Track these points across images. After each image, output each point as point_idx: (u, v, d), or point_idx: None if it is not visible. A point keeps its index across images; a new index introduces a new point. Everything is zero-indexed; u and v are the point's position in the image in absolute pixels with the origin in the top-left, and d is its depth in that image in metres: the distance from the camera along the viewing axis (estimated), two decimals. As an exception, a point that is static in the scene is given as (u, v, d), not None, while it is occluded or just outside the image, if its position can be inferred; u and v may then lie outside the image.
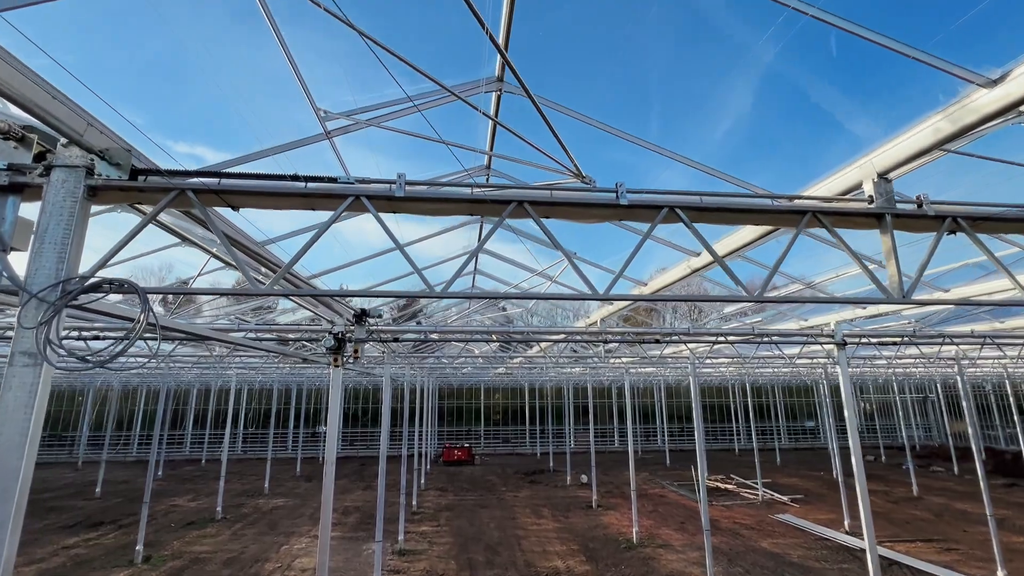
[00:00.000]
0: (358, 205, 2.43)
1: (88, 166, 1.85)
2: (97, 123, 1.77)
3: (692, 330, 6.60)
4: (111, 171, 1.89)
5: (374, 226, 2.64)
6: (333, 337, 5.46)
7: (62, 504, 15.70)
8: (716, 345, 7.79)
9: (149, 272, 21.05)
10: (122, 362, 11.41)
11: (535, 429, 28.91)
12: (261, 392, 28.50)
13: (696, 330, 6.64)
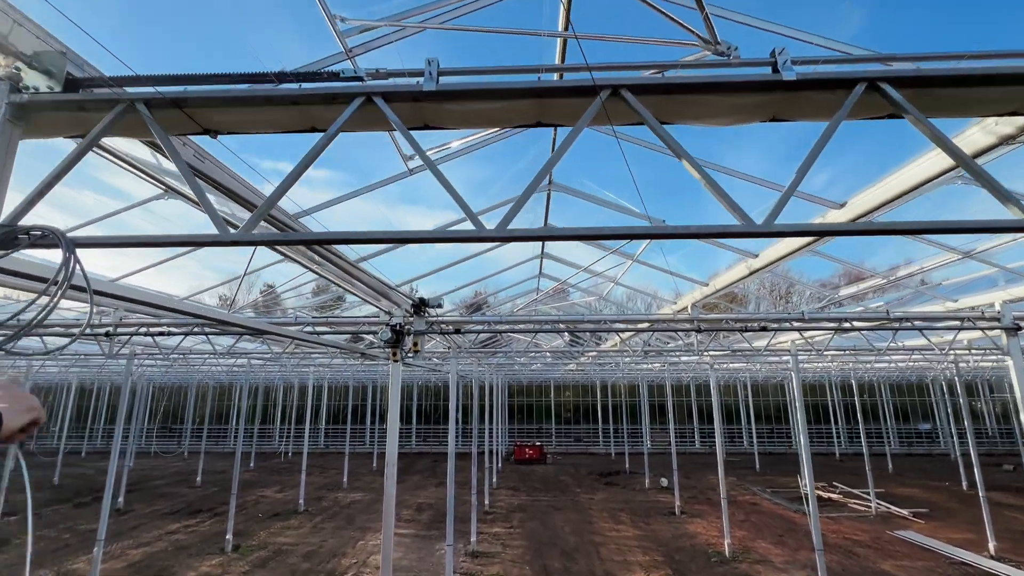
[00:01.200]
0: (372, 116, 1.76)
1: (12, 78, 1.44)
2: (28, 22, 1.39)
3: (809, 315, 5.48)
4: (41, 81, 1.53)
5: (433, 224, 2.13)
6: (390, 329, 5.11)
7: (169, 491, 17.09)
8: (839, 333, 6.58)
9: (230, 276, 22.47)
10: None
11: (608, 428, 27.82)
12: (339, 389, 29.77)
13: (814, 315, 5.51)
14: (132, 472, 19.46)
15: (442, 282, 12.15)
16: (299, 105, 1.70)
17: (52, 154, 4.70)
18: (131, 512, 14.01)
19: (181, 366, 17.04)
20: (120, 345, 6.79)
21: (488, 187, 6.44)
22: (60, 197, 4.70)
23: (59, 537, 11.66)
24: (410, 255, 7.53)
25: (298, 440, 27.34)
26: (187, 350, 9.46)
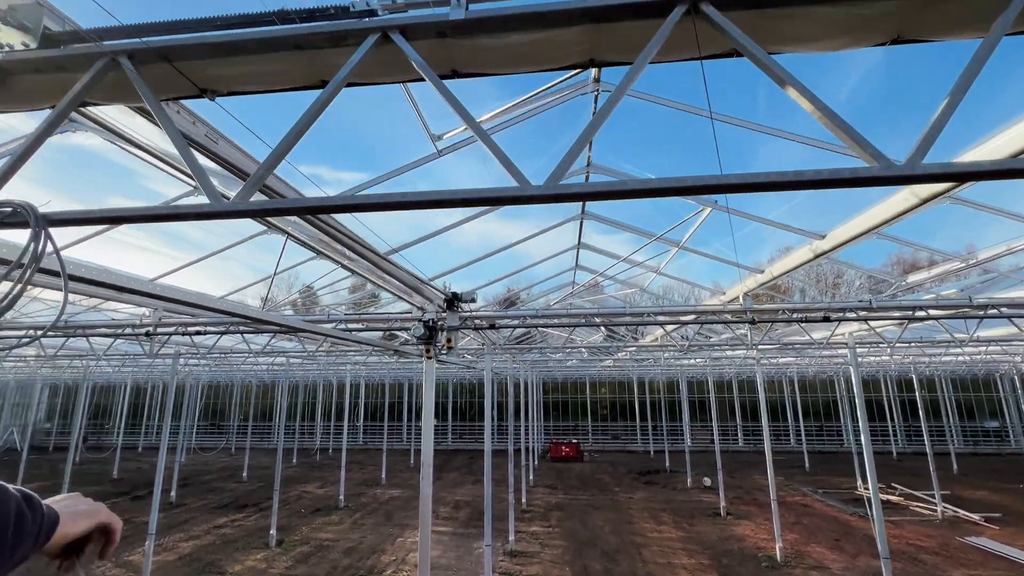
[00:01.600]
0: (390, 59, 1.50)
1: (-17, 35, 1.31)
2: (2, -27, 1.26)
3: (877, 303, 4.96)
4: (15, 38, 1.36)
5: (472, 227, 1.91)
6: (423, 325, 4.97)
7: (218, 486, 17.73)
8: (909, 323, 6.02)
9: (280, 280, 23.09)
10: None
11: (646, 425, 27.18)
12: (376, 387, 30.25)
13: (883, 303, 4.99)
14: (184, 467, 20.32)
15: (474, 278, 12.05)
16: (304, 50, 1.44)
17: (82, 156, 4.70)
18: (183, 506, 14.57)
19: (224, 365, 17.63)
20: (160, 345, 6.97)
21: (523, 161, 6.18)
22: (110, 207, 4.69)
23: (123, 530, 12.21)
24: (441, 249, 7.37)
25: (337, 437, 27.95)
26: (228, 349, 9.67)
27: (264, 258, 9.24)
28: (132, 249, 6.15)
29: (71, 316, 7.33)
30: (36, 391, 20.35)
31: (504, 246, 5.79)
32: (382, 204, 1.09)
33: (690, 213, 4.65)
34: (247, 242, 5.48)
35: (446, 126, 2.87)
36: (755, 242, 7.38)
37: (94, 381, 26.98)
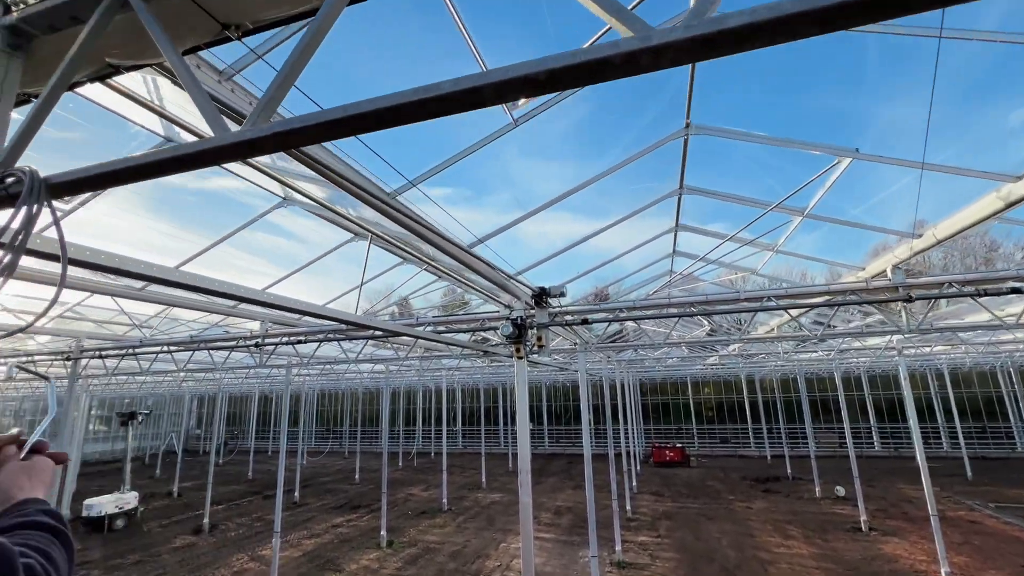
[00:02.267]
0: None
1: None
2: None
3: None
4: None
5: (555, 227, 1.60)
6: (511, 323, 4.72)
7: (334, 487, 19.03)
8: None
9: (370, 295, 24.61)
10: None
11: (760, 428, 24.82)
12: (471, 391, 30.92)
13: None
14: (305, 469, 22.18)
15: (558, 275, 11.84)
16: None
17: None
18: (305, 505, 15.77)
19: (330, 374, 18.95)
20: (268, 355, 7.49)
21: (605, 151, 5.54)
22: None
23: (252, 525, 13.47)
24: (523, 242, 7.08)
25: (438, 441, 28.91)
26: (331, 359, 10.23)
27: (356, 271, 9.85)
28: (230, 269, 6.87)
29: (201, 331, 8.14)
30: (185, 402, 23.41)
31: (593, 232, 5.36)
32: (415, 102, 0.81)
33: (820, 171, 3.89)
34: (340, 256, 5.65)
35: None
36: (857, 235, 6.08)
37: (229, 392, 30.56)
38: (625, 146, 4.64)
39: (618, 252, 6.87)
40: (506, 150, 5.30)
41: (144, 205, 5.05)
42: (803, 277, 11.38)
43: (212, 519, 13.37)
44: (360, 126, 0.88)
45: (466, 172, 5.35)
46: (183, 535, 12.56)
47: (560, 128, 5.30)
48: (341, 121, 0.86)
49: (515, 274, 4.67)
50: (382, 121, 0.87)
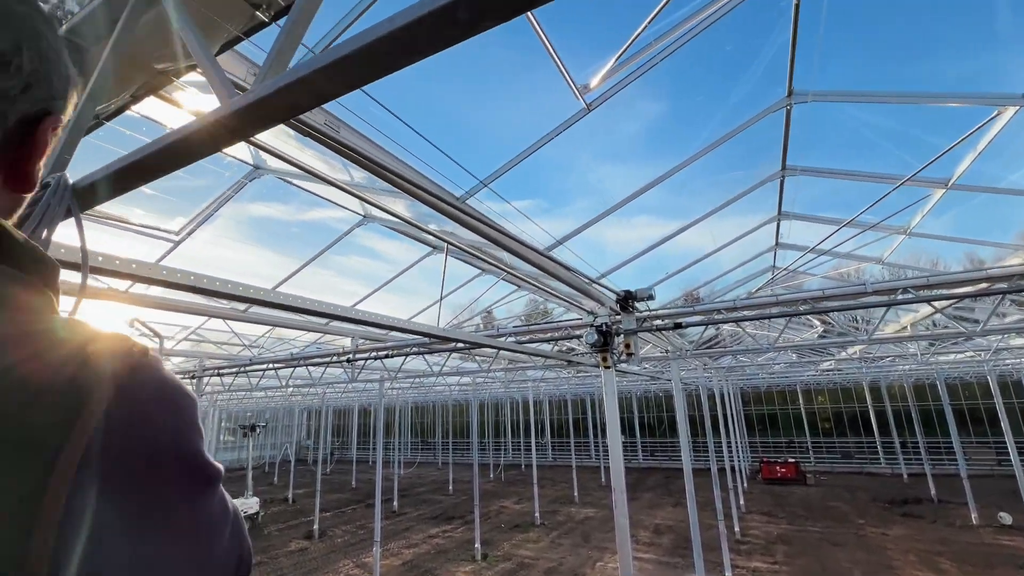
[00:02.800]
0: None
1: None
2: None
3: None
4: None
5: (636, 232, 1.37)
6: (596, 331, 4.43)
7: (430, 498, 19.56)
8: None
9: (454, 309, 25.29)
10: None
11: (891, 441, 21.74)
12: (559, 403, 30.51)
13: None
14: (401, 480, 23.07)
15: (643, 279, 11.00)
16: None
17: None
18: (403, 515, 16.33)
19: (419, 388, 19.59)
20: (359, 370, 7.82)
21: (686, 148, 4.87)
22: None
23: (356, 532, 14.16)
24: (605, 247, 6.67)
25: (527, 453, 28.77)
26: (419, 372, 10.51)
27: (437, 286, 10.03)
28: (325, 290, 7.39)
29: (302, 349, 8.73)
30: (295, 415, 25.50)
31: (679, 228, 4.92)
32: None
33: (964, 134, 3.16)
34: (421, 272, 5.73)
35: (585, 78, 2.35)
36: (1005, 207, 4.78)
37: (332, 406, 32.89)
38: (707, 138, 4.20)
39: (709, 250, 6.30)
40: (582, 157, 5.06)
41: (255, 237, 5.46)
42: (934, 266, 9.73)
43: (321, 525, 14.25)
44: (381, 54, 0.71)
45: (543, 183, 5.20)
46: (297, 540, 13.50)
47: (635, 129, 4.97)
48: (352, 56, 0.70)
49: (597, 278, 4.39)
50: (401, 43, 0.70)
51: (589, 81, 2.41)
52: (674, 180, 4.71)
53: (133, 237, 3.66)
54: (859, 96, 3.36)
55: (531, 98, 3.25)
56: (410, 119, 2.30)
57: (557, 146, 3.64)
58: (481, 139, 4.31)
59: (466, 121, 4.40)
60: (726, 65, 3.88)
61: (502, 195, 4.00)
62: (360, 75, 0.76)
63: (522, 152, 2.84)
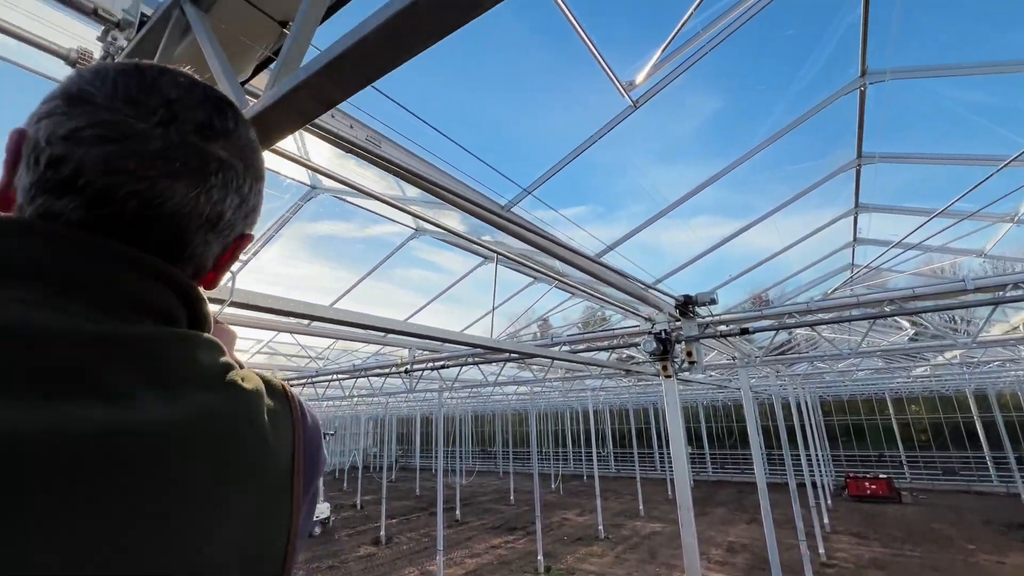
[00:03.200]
0: None
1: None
2: None
3: None
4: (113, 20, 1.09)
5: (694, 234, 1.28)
6: (654, 338, 4.22)
7: (492, 507, 19.59)
8: None
9: (511, 318, 25.31)
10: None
11: (1004, 457, 19.27)
12: (620, 412, 29.70)
13: None
14: (464, 488, 23.29)
15: (704, 282, 10.12)
16: None
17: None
18: (466, 524, 16.44)
19: (477, 398, 19.73)
20: (417, 380, 7.96)
21: (747, 142, 4.51)
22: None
23: (420, 540, 14.41)
24: (661, 251, 6.31)
25: (588, 464, 28.18)
26: (476, 382, 10.58)
27: (489, 298, 9.93)
28: (385, 303, 7.54)
29: (364, 360, 9.04)
30: (361, 423, 26.49)
31: (742, 228, 4.60)
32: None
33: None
34: (475, 282, 5.76)
35: (629, 74, 2.22)
36: None
37: (395, 415, 33.92)
38: (768, 129, 3.91)
39: (776, 249, 5.87)
40: (635, 160, 4.89)
41: (320, 253, 5.73)
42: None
43: (388, 532, 14.64)
44: (377, 48, 0.67)
45: (596, 188, 5.08)
46: (365, 545, 13.94)
47: (690, 126, 4.74)
48: (349, 54, 0.66)
49: (653, 283, 4.19)
50: (398, 34, 0.65)
51: (634, 77, 2.29)
52: (734, 176, 4.45)
53: None
54: (947, 70, 2.99)
55: (575, 100, 3.18)
56: (454, 130, 2.30)
57: (608, 149, 3.53)
58: (526, 146, 4.27)
59: (509, 129, 4.39)
60: (785, 50, 3.60)
61: (552, 203, 3.93)
62: (360, 73, 0.73)
63: (567, 156, 2.76)
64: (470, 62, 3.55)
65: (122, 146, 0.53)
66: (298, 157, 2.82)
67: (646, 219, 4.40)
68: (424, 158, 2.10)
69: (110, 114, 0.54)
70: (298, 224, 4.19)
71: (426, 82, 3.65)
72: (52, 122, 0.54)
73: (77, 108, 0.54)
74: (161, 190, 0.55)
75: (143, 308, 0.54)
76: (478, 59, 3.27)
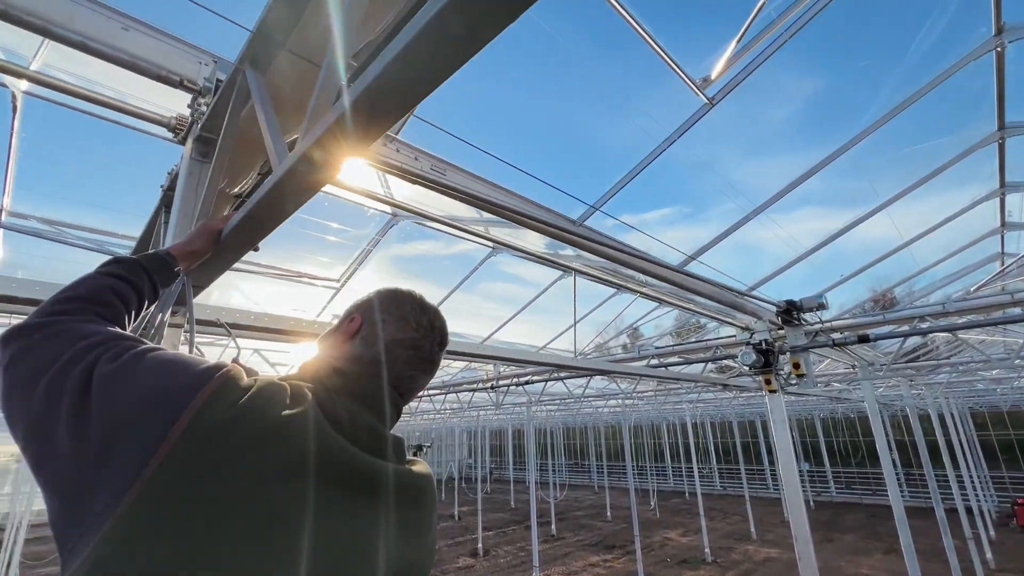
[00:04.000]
0: None
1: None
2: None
3: None
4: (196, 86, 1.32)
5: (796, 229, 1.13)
6: (753, 349, 3.82)
7: (588, 523, 19.10)
8: None
9: (598, 327, 24.59)
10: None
11: None
12: (724, 425, 27.70)
13: None
14: (558, 503, 22.97)
15: (810, 283, 8.83)
16: None
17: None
18: (562, 540, 16.17)
19: (566, 410, 19.38)
20: (503, 395, 7.98)
21: (853, 126, 3.79)
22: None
23: (517, 554, 14.41)
24: (758, 252, 5.67)
25: (690, 479, 26.49)
26: (564, 395, 10.41)
27: (577, 307, 9.56)
28: (478, 317, 7.67)
29: (455, 374, 9.30)
30: (456, 436, 27.26)
31: (858, 217, 4.01)
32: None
33: None
34: (561, 290, 5.69)
35: (703, 70, 2.01)
36: None
37: (488, 427, 34.51)
38: (882, 106, 3.40)
39: (900, 241, 5.09)
40: (724, 156, 4.55)
41: (410, 273, 6.01)
42: None
43: (485, 544, 14.82)
44: (397, 84, 0.62)
45: (682, 190, 4.81)
46: (463, 556, 14.22)
47: (785, 114, 4.32)
48: (373, 91, 0.63)
49: (747, 290, 3.81)
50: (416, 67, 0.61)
51: (709, 72, 2.09)
52: (843, 163, 3.95)
53: (302, 287, 4.31)
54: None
55: (647, 106, 3.01)
56: (520, 148, 2.27)
57: (690, 148, 3.30)
58: (598, 158, 4.13)
59: (584, 140, 4.28)
60: (898, 12, 3.13)
61: (635, 207, 3.75)
62: (393, 102, 0.70)
63: (636, 167, 2.59)
64: (549, 72, 3.53)
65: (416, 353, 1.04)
66: (385, 198, 2.94)
67: (737, 219, 4.04)
68: (492, 180, 2.09)
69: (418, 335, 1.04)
70: (385, 248, 4.42)
71: (494, 95, 3.68)
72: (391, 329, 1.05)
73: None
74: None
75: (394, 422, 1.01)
76: (546, 70, 3.25)
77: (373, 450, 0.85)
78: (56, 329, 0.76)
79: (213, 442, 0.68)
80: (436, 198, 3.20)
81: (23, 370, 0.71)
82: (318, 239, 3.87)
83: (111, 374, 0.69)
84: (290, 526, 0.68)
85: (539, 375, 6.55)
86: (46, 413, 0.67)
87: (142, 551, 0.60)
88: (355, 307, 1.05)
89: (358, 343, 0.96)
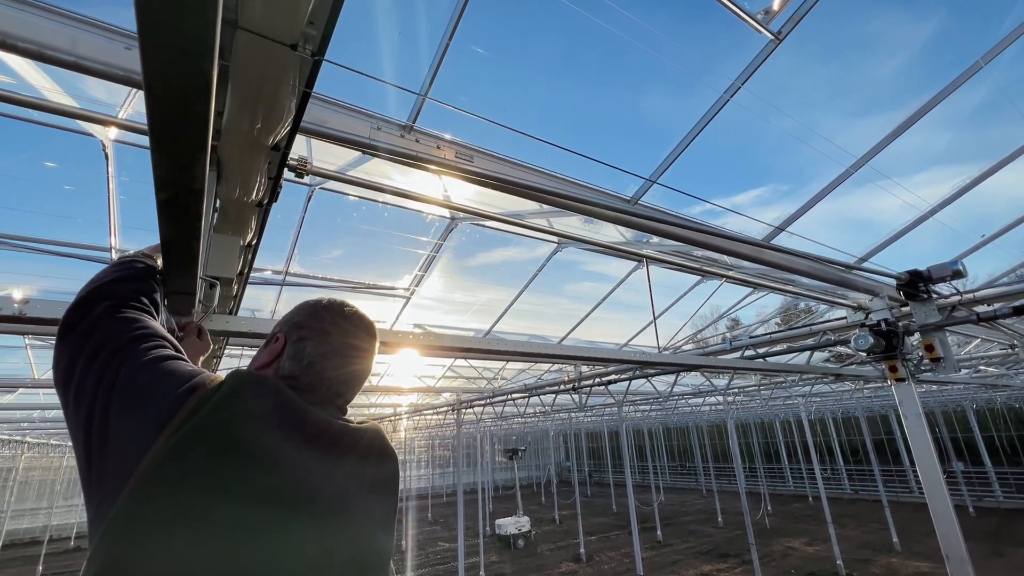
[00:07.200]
0: None
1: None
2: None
3: None
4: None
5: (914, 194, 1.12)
6: (870, 332, 3.23)
7: (696, 528, 17.97)
8: None
9: (684, 318, 23.02)
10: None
11: None
12: (849, 420, 24.75)
13: None
14: (662, 507, 21.86)
15: (937, 250, 7.23)
16: None
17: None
18: (669, 546, 15.33)
19: (660, 408, 18.34)
20: (586, 396, 7.68)
21: (964, 37, 2.85)
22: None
23: (621, 560, 13.90)
24: (870, 222, 4.78)
25: (811, 482, 23.93)
26: (649, 394, 9.84)
27: (662, 299, 8.86)
28: (551, 314, 7.47)
29: (538, 376, 9.19)
30: (550, 438, 27.11)
31: (993, 165, 3.21)
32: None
33: None
34: (643, 284, 5.37)
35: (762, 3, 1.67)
36: None
37: (584, 428, 33.92)
38: (1013, 21, 2.72)
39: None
40: (823, 122, 4.01)
41: (478, 275, 6.03)
42: None
43: (587, 549, 14.49)
44: None
45: (775, 164, 4.34)
46: (566, 561, 14.00)
47: (892, 66, 3.69)
48: None
49: (856, 262, 3.24)
50: None
51: (770, 4, 1.74)
52: (968, 109, 3.28)
53: (371, 297, 4.45)
54: None
55: (703, 58, 2.65)
56: (554, 126, 2.10)
57: (788, 116, 2.91)
58: (650, 131, 3.78)
59: (634, 108, 3.96)
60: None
61: (721, 190, 3.40)
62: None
63: (693, 127, 2.23)
64: (571, 49, 3.31)
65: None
66: (443, 201, 2.91)
67: (834, 177, 3.46)
68: (527, 163, 1.92)
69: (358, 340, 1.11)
70: (449, 253, 4.43)
71: (526, 76, 3.52)
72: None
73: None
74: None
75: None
76: (575, 44, 3.03)
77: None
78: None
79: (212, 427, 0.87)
80: (491, 196, 3.11)
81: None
82: (385, 249, 3.97)
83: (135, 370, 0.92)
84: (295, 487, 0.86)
85: (622, 374, 6.21)
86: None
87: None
88: (278, 326, 1.09)
89: (285, 362, 1.02)
